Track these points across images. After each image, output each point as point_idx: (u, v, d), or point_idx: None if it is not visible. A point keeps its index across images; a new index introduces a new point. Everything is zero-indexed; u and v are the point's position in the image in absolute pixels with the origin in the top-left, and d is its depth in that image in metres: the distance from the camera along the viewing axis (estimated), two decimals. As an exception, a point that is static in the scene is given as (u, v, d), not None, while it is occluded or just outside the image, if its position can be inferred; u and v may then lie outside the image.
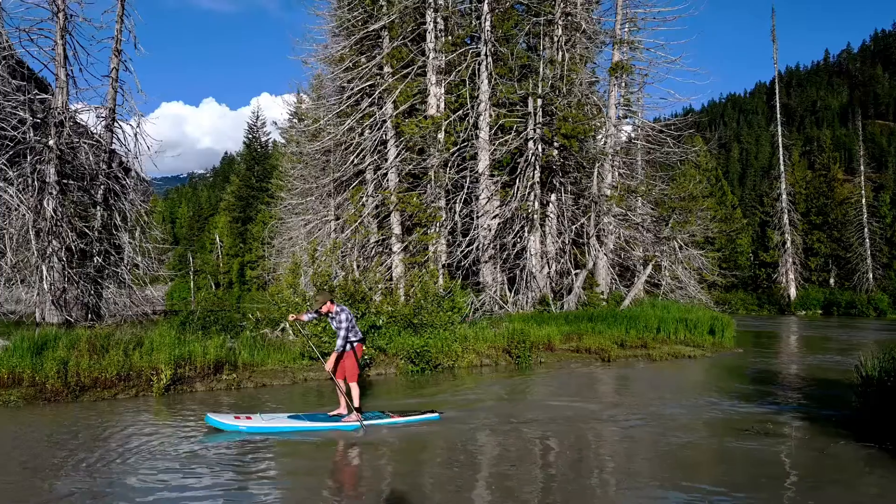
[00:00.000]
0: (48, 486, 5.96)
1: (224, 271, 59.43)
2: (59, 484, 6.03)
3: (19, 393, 9.65)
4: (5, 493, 5.83)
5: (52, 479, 6.15)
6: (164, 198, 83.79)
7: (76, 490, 5.89)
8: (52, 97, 22.64)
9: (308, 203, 26.95)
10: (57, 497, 5.71)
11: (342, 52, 23.02)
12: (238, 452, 7.13)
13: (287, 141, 39.11)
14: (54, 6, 21.91)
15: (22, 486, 6.00)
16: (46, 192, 21.24)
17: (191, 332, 13.04)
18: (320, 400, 10.64)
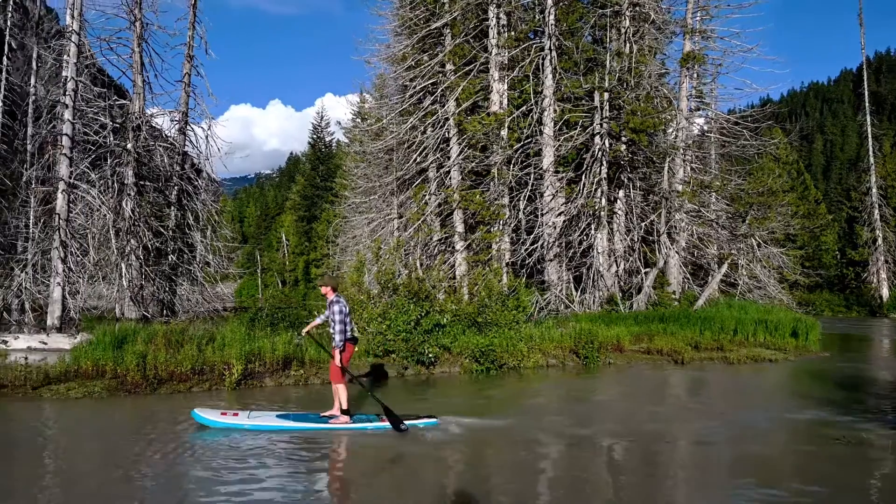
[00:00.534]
0: (127, 475, 6.26)
1: (290, 269, 61.19)
2: (138, 473, 6.34)
3: (102, 384, 10.23)
4: (89, 483, 6.16)
5: (131, 468, 6.47)
6: (234, 198, 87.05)
7: (153, 479, 6.18)
8: (130, 102, 23.91)
9: (371, 201, 27.37)
10: (135, 486, 6.00)
11: (404, 50, 23.24)
12: (303, 447, 7.29)
13: (350, 140, 39.81)
14: (132, 16, 23.13)
15: (105, 475, 6.34)
16: (125, 194, 22.44)
17: (259, 329, 13.47)
18: (385, 396, 10.76)
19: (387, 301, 14.12)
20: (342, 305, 8.13)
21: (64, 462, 6.85)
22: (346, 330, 8.08)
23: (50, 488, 5.99)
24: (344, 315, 8.08)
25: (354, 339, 8.47)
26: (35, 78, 26.19)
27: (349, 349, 8.31)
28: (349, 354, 8.35)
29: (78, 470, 6.52)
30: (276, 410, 8.70)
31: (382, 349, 12.42)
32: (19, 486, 5.99)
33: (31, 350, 14.53)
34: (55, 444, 7.57)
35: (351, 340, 8.31)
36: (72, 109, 20.09)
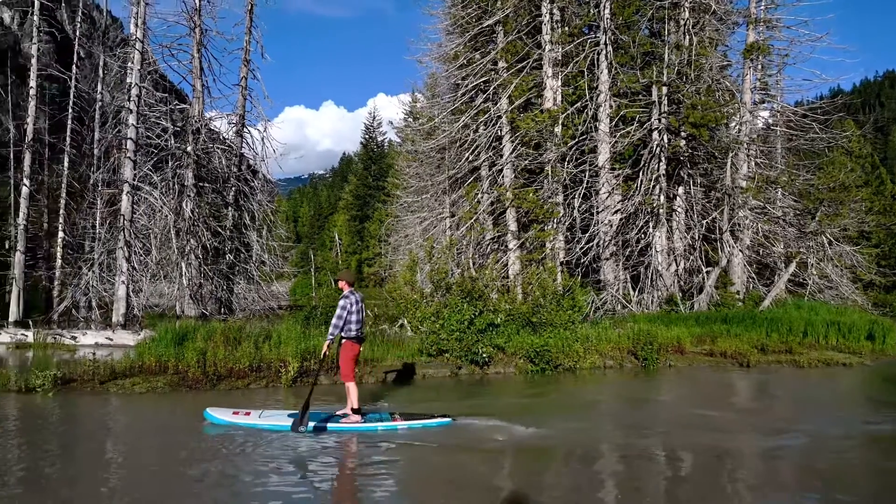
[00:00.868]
0: (188, 470, 6.41)
1: (343, 268, 62.12)
2: (196, 466, 6.48)
3: (165, 380, 10.57)
4: (149, 474, 6.34)
5: (192, 462, 6.62)
6: (288, 198, 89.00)
7: (212, 472, 6.30)
8: (190, 106, 24.74)
9: (423, 201, 27.47)
10: (193, 480, 6.13)
11: (456, 49, 23.21)
12: (363, 444, 7.31)
13: (402, 140, 40.08)
14: (191, 23, 23.91)
15: (164, 467, 6.50)
16: (185, 195, 23.21)
17: (314, 327, 13.67)
18: (438, 396, 10.75)
19: (440, 300, 14.10)
20: (347, 302, 7.89)
21: (126, 454, 7.07)
22: (340, 325, 7.83)
23: (112, 478, 6.18)
24: (346, 312, 7.84)
25: (359, 339, 8.15)
26: (101, 85, 27.40)
27: (352, 348, 8.03)
28: (353, 354, 8.07)
29: (139, 461, 6.72)
30: (290, 410, 8.55)
31: (436, 348, 12.40)
32: (86, 475, 6.21)
33: (98, 346, 15.18)
34: (120, 437, 7.84)
35: (355, 339, 8.03)
36: (136, 114, 20.91)
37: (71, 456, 7.02)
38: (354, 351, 8.10)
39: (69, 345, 16.12)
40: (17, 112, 28.10)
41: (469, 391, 11.00)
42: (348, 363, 8.04)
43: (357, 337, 8.06)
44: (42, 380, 9.90)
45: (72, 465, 6.68)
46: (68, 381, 10.31)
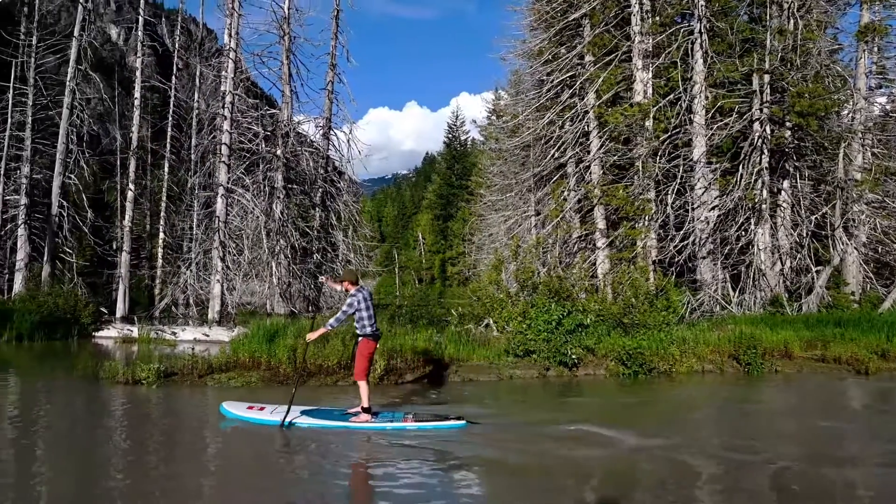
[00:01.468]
0: (276, 466, 6.55)
1: (426, 267, 62.88)
2: (287, 461, 6.61)
3: (258, 375, 10.96)
4: (240, 463, 6.52)
5: (283, 458, 6.76)
6: (372, 198, 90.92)
7: (304, 469, 6.40)
8: (279, 111, 25.68)
9: (508, 199, 27.27)
10: (279, 471, 6.24)
11: (540, 45, 22.87)
12: (445, 441, 7.22)
13: (486, 138, 40.01)
14: (281, 31, 24.80)
15: (256, 459, 6.67)
16: (275, 197, 24.07)
17: (400, 325, 13.77)
18: (524, 397, 10.54)
19: (526, 300, 13.87)
20: (355, 299, 7.81)
21: (221, 444, 7.32)
22: (343, 319, 7.83)
23: (206, 464, 6.41)
24: (353, 309, 7.78)
25: (375, 336, 8.04)
26: (198, 93, 28.97)
27: (368, 345, 7.95)
28: (369, 352, 8.01)
29: (233, 450, 6.94)
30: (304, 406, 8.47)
31: (523, 349, 12.17)
32: (183, 460, 6.47)
33: (196, 341, 15.97)
34: (216, 428, 8.14)
35: (371, 336, 7.95)
36: (229, 121, 21.92)
37: (174, 444, 7.35)
38: (370, 348, 8.03)
39: (170, 340, 17.06)
40: (123, 121, 30.21)
41: (559, 393, 10.74)
42: (363, 361, 7.93)
43: (373, 334, 8.00)
44: (147, 373, 10.50)
45: (174, 453, 6.98)
46: (170, 375, 10.88)
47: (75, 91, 23.50)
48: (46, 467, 6.48)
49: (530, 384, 11.41)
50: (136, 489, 5.74)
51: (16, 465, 6.59)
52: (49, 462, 6.69)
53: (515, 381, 11.57)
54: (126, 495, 5.62)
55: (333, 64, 27.12)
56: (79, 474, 6.26)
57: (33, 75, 23.43)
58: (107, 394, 9.84)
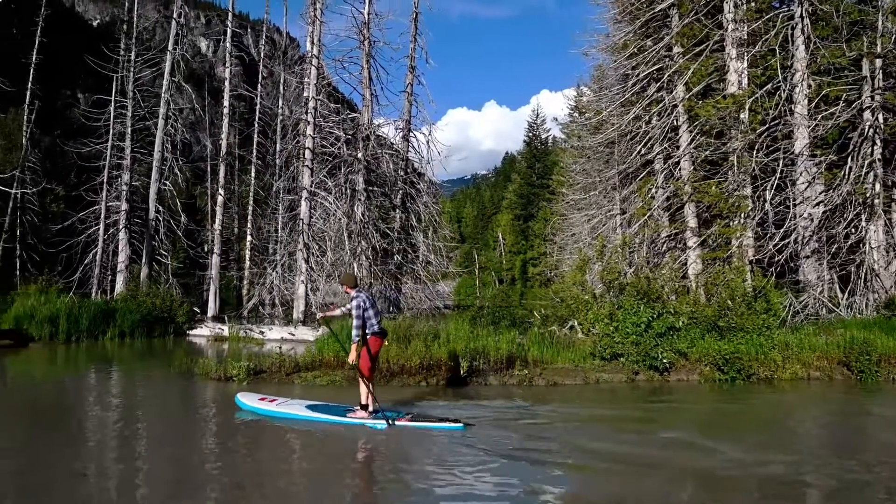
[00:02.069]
0: (365, 460, 6.66)
1: (507, 268, 62.62)
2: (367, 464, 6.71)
3: (343, 374, 11.23)
4: (327, 458, 6.66)
5: (361, 456, 6.88)
6: (452, 199, 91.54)
7: (387, 467, 6.48)
8: (360, 115, 26.31)
9: (591, 198, 26.75)
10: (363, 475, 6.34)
11: (625, 38, 22.30)
12: (518, 445, 7.14)
13: (567, 136, 39.47)
14: (361, 36, 25.41)
15: (342, 458, 6.81)
16: (356, 199, 24.65)
17: (482, 327, 13.75)
18: (613, 400, 10.28)
19: (612, 301, 13.53)
20: (360, 300, 7.98)
21: (314, 441, 7.54)
22: (364, 325, 7.98)
23: (286, 457, 6.60)
24: (362, 310, 7.95)
25: (381, 333, 8.26)
26: (282, 100, 30.12)
27: (373, 343, 8.13)
28: (376, 348, 8.20)
29: (315, 449, 7.12)
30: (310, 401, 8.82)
31: (610, 352, 11.88)
32: (267, 450, 6.70)
33: (283, 340, 16.58)
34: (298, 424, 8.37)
35: (378, 334, 8.16)
36: (312, 125, 22.64)
37: (260, 438, 7.64)
38: (377, 346, 8.21)
39: (258, 339, 17.80)
40: (213, 129, 31.84)
41: (650, 399, 10.40)
42: (365, 358, 8.10)
43: (379, 331, 8.20)
44: (237, 370, 11.00)
45: (260, 444, 7.26)
46: (259, 372, 11.34)
47: (169, 102, 24.98)
48: (145, 454, 6.90)
49: (618, 388, 11.12)
50: (226, 476, 6.00)
51: (118, 452, 7.05)
52: (147, 449, 7.12)
53: (602, 384, 11.31)
54: (218, 479, 5.90)
55: (412, 66, 27.52)
56: (175, 462, 6.63)
57: (132, 88, 25.09)
58: (201, 389, 10.36)
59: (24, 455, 6.85)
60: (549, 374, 11.54)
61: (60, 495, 5.51)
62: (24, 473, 6.19)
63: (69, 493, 5.53)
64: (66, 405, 9.40)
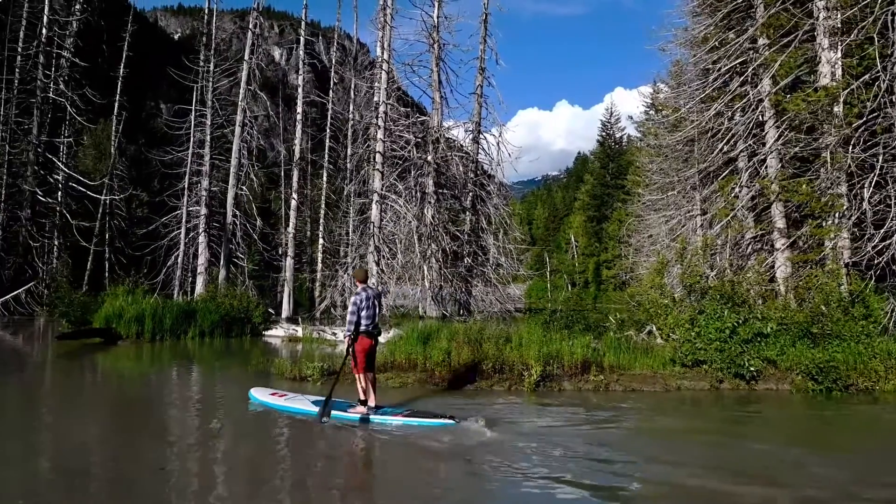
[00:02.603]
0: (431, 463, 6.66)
1: (579, 271, 61.63)
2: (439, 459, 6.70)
3: (414, 376, 11.35)
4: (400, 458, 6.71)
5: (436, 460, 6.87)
6: (522, 200, 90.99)
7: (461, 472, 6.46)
8: (429, 118, 26.57)
9: (669, 198, 25.98)
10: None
11: (705, 31, 21.56)
12: (597, 455, 6.96)
13: (643, 134, 38.56)
14: (430, 39, 25.68)
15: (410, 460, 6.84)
16: (426, 202, 24.89)
17: (554, 331, 13.55)
18: (696, 409, 9.91)
19: (692, 305, 13.07)
20: (361, 297, 8.30)
21: (376, 438, 7.62)
22: (355, 321, 8.22)
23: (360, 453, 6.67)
24: (357, 307, 8.24)
25: (370, 333, 8.40)
26: (352, 105, 30.79)
27: (362, 341, 8.29)
28: (362, 347, 8.32)
29: (391, 452, 7.18)
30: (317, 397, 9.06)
31: (691, 359, 11.46)
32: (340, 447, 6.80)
33: (354, 342, 16.82)
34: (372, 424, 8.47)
35: (365, 333, 8.30)
36: (383, 130, 23.00)
37: (337, 435, 7.77)
38: (364, 344, 8.37)
39: (330, 340, 18.20)
40: (286, 135, 32.89)
41: (738, 408, 9.96)
42: (358, 355, 8.36)
43: (367, 331, 8.40)
44: (312, 370, 11.28)
45: (337, 442, 7.38)
46: (332, 373, 11.56)
47: (245, 110, 25.98)
48: (223, 451, 7.17)
49: (700, 397, 10.71)
50: (302, 475, 6.14)
51: (197, 447, 7.36)
52: (226, 446, 7.39)
53: (683, 392, 10.93)
54: (292, 479, 6.04)
55: (482, 68, 27.58)
56: (251, 460, 6.85)
57: (211, 98, 26.25)
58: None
59: (109, 448, 7.28)
60: (626, 380, 11.25)
61: (139, 489, 5.77)
62: (108, 466, 6.57)
63: (147, 488, 5.77)
64: (150, 400, 9.90)
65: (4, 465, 6.49)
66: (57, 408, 9.70)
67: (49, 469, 6.49)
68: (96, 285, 26.66)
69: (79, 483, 5.94)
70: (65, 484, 5.99)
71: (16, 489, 5.75)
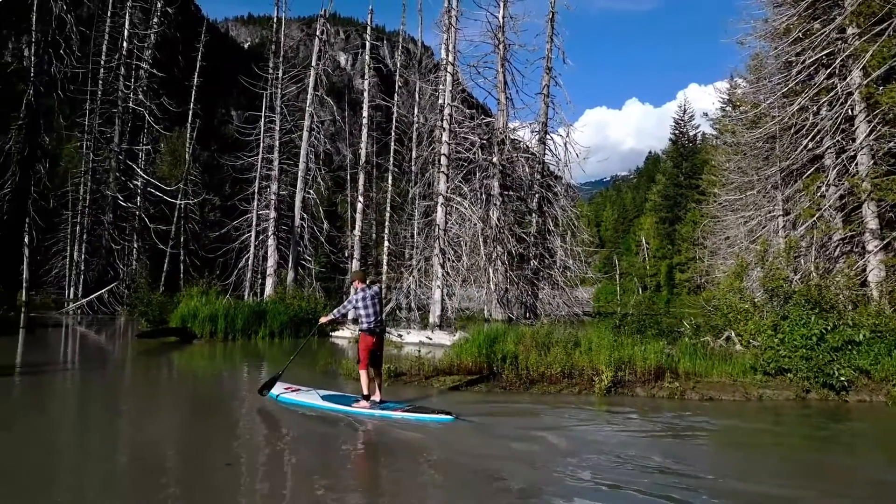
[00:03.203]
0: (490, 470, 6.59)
1: (651, 274, 60.12)
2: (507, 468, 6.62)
3: (480, 379, 11.29)
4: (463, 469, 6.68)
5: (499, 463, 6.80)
6: (590, 202, 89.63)
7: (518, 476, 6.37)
8: (494, 119, 26.48)
9: (748, 198, 24.98)
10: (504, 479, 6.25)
11: (788, 22, 20.66)
12: (673, 467, 6.71)
13: (719, 132, 37.33)
14: (495, 40, 25.61)
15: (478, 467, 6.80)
16: (491, 204, 24.81)
17: (626, 336, 13.24)
18: (779, 420, 9.46)
19: (775, 310, 12.49)
20: (363, 295, 8.88)
21: (443, 439, 7.61)
22: (342, 311, 9.18)
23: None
24: (351, 304, 9.00)
25: (373, 331, 8.87)
26: (417, 108, 31.08)
27: (365, 339, 8.83)
28: (365, 345, 8.82)
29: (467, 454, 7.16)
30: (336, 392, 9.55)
31: (774, 367, 10.96)
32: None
33: (420, 344, 16.98)
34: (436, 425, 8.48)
35: (368, 332, 8.83)
36: (448, 132, 23.08)
37: (405, 441, 7.82)
38: (367, 342, 8.84)
39: (396, 342, 18.39)
40: (352, 139, 33.54)
41: (830, 421, 9.41)
42: (362, 352, 8.87)
43: (369, 329, 8.88)
44: (378, 371, 11.37)
45: (405, 443, 7.42)
46: (399, 375, 11.69)
47: (313, 115, 26.64)
48: (290, 449, 7.34)
49: (785, 407, 10.21)
50: (364, 474, 6.20)
51: (264, 445, 7.57)
52: (292, 444, 7.55)
53: (765, 402, 10.44)
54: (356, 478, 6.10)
55: (549, 67, 27.31)
56: (316, 459, 6.98)
57: (279, 104, 27.08)
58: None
59: (181, 443, 7.59)
60: (702, 387, 10.85)
61: (205, 484, 5.98)
62: (178, 461, 6.85)
63: (213, 483, 5.98)
64: (221, 398, 10.24)
65: (87, 457, 6.86)
66: (135, 403, 10.23)
67: (125, 462, 6.82)
68: (172, 286, 27.93)
69: (151, 476, 6.22)
70: (138, 476, 6.29)
71: (96, 480, 6.10)
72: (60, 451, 7.06)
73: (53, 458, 6.72)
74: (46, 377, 12.14)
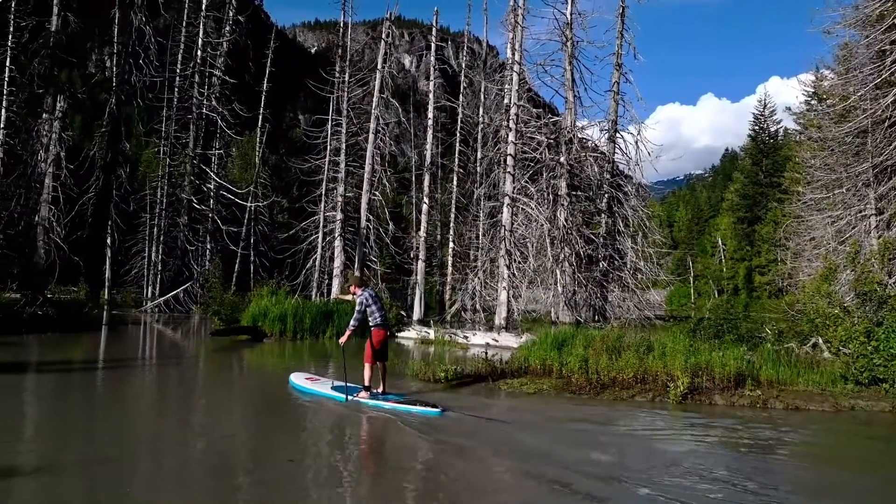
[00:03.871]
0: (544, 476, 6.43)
1: (728, 276, 57.91)
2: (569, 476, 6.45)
3: (550, 383, 11.15)
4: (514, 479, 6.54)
5: (564, 470, 6.62)
6: (662, 201, 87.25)
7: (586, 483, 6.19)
8: (562, 118, 26.12)
9: (836, 196, 23.72)
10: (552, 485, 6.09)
11: (881, 8, 19.62)
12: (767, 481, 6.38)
13: (804, 127, 35.65)
14: (563, 37, 25.26)
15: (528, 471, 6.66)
16: (559, 204, 24.47)
17: (702, 341, 12.78)
18: (874, 433, 8.89)
19: (867, 316, 11.79)
20: (366, 296, 9.58)
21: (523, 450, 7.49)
22: (360, 318, 9.51)
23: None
24: (363, 305, 9.53)
25: (383, 325, 9.75)
26: (482, 108, 31.03)
27: (377, 333, 9.61)
28: (377, 338, 9.61)
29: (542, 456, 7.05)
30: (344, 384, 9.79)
31: (868, 376, 10.33)
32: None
33: (487, 346, 16.92)
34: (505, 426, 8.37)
35: (379, 326, 9.64)
36: (514, 132, 22.92)
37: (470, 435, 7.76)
38: (379, 336, 9.66)
39: (462, 343, 18.40)
40: (417, 141, 33.83)
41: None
42: (375, 346, 9.60)
43: (382, 323, 9.75)
44: (445, 373, 11.41)
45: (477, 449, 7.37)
46: (465, 376, 11.65)
47: (378, 117, 27.00)
48: (353, 447, 7.41)
49: (879, 419, 9.57)
50: (426, 472, 6.18)
51: (328, 442, 7.68)
52: (355, 443, 7.61)
53: (857, 413, 9.82)
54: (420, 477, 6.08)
55: (619, 64, 26.76)
56: (379, 458, 7.01)
57: (346, 107, 27.61)
58: (410, 388, 10.90)
59: (249, 439, 7.81)
60: (787, 396, 10.32)
61: (267, 478, 6.07)
62: (245, 455, 7.03)
63: (275, 477, 6.05)
64: (289, 396, 10.44)
65: (161, 450, 7.15)
66: (208, 399, 10.62)
67: (196, 455, 7.08)
68: (243, 286, 28.89)
69: (218, 470, 6.46)
70: (206, 470, 6.55)
71: (169, 472, 6.36)
72: (141, 441, 7.50)
73: (133, 448, 7.13)
74: (128, 372, 12.79)
